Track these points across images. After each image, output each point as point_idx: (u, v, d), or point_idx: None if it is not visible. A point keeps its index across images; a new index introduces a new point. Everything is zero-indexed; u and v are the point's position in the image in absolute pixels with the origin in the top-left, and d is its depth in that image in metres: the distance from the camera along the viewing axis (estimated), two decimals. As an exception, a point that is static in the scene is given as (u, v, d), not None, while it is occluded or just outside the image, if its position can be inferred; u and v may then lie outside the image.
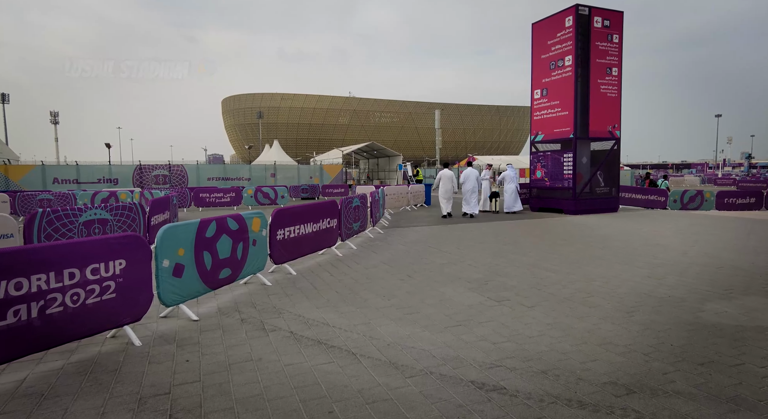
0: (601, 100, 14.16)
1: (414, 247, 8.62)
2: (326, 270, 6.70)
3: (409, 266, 6.87)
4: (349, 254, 7.97)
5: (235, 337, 4.04)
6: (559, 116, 14.36)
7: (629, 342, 3.82)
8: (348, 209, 8.60)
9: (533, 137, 15.49)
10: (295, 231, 6.69)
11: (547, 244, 8.83)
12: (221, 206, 19.14)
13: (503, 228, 11.33)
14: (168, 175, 29.81)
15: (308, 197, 27.22)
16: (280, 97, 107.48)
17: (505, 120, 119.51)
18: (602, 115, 14.20)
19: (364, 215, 9.62)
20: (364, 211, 9.69)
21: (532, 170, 15.57)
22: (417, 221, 13.33)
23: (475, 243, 8.99)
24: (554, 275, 6.23)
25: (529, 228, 11.31)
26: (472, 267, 6.79)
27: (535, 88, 15.28)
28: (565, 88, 14.10)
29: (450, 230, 10.99)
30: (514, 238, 9.65)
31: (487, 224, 12.12)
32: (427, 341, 3.89)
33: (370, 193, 10.38)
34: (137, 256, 3.94)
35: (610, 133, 14.45)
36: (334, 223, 7.86)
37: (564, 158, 14.31)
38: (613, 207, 14.91)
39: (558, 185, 14.61)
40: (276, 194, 19.73)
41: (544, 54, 14.83)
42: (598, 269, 6.58)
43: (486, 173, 16.09)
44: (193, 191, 18.80)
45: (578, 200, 14.12)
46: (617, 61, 14.28)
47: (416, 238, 9.76)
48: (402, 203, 17.11)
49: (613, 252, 7.91)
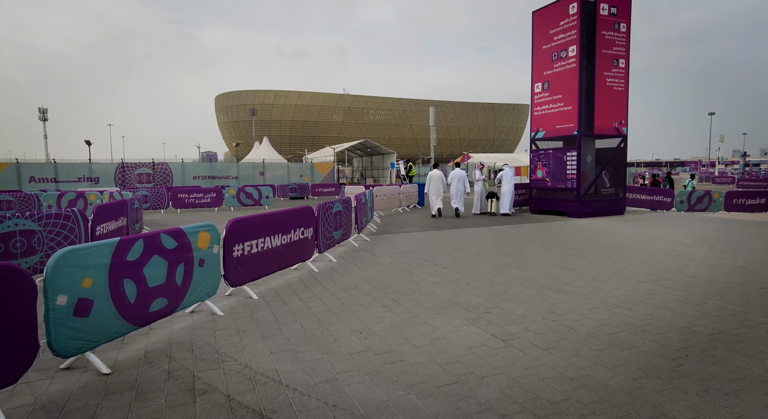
0: (607, 94, 13.09)
1: (402, 259, 7.51)
2: (296, 292, 5.57)
3: (395, 287, 5.76)
4: (326, 269, 6.85)
5: (149, 406, 2.92)
6: (561, 112, 13.29)
7: (693, 414, 2.72)
8: (327, 216, 7.48)
9: (533, 134, 14.41)
10: (258, 245, 5.56)
11: (554, 255, 7.75)
12: (201, 207, 17.94)
13: (503, 235, 10.24)
14: (152, 173, 28.53)
15: (297, 196, 26.05)
16: (273, 95, 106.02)
17: (500, 117, 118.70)
18: (608, 110, 13.14)
19: (347, 221, 8.51)
20: (348, 217, 8.57)
21: (532, 170, 14.50)
22: (408, 225, 12.23)
23: (472, 254, 7.89)
24: (569, 300, 5.14)
25: (532, 234, 10.23)
26: (471, 288, 5.69)
27: (536, 81, 14.19)
28: (568, 81, 13.02)
29: (444, 237, 9.89)
30: (517, 247, 8.56)
31: (485, 230, 11.03)
32: (411, 412, 2.79)
33: (355, 196, 9.25)
34: (10, 291, 2.80)
35: (616, 129, 13.39)
36: (309, 233, 6.74)
37: (567, 157, 13.23)
38: (619, 209, 13.86)
39: (560, 186, 13.54)
40: (260, 195, 18.54)
41: (545, 44, 13.74)
42: (619, 291, 5.50)
43: (478, 173, 15.15)
44: (171, 191, 17.58)
45: (582, 202, 13.06)
46: (624, 52, 13.21)
47: (406, 247, 8.65)
48: (393, 204, 15.99)
49: (632, 266, 6.84)
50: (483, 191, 14.83)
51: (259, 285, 5.78)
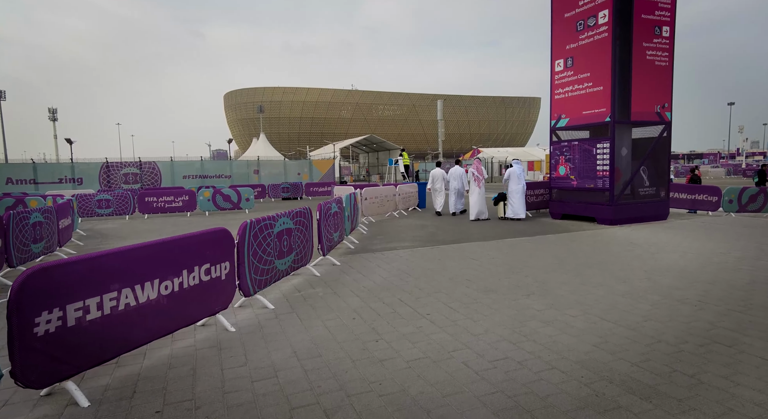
0: (648, 71, 10.39)
1: (373, 303, 5.01)
2: (161, 389, 3.10)
3: (348, 372, 3.27)
4: (248, 326, 4.38)
5: None
6: (590, 93, 10.62)
7: None
8: (265, 240, 5.02)
9: (554, 123, 11.76)
10: (104, 305, 3.13)
11: (597, 291, 5.18)
12: (172, 212, 15.61)
13: (519, 253, 7.69)
14: (138, 173, 26.41)
15: (290, 197, 23.68)
16: (282, 91, 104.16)
17: (510, 111, 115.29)
18: (648, 90, 10.44)
19: (304, 241, 6.06)
20: (306, 235, 6.11)
21: (553, 166, 11.86)
22: (400, 236, 9.72)
23: (477, 291, 5.36)
24: (658, 400, 2.60)
25: (558, 252, 7.65)
26: (472, 375, 3.17)
27: (557, 57, 11.52)
28: (598, 56, 10.35)
29: (441, 258, 7.36)
30: (540, 275, 6.01)
31: (495, 245, 8.49)
32: None
33: (318, 206, 6.76)
34: None
35: (658, 115, 10.68)
36: (223, 270, 4.28)
37: (597, 150, 10.57)
38: (661, 213, 11.16)
39: (589, 186, 10.89)
40: (239, 197, 16.15)
41: (568, 12, 11.05)
42: (751, 392, 2.93)
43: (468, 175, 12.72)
44: (138, 194, 15.28)
45: (617, 206, 10.41)
46: (669, 17, 10.47)
47: (384, 277, 6.16)
48: (387, 208, 13.49)
49: (735, 322, 4.25)
50: (481, 196, 12.28)
51: (104, 373, 3.34)
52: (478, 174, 12.62)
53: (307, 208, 6.20)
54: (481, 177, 12.56)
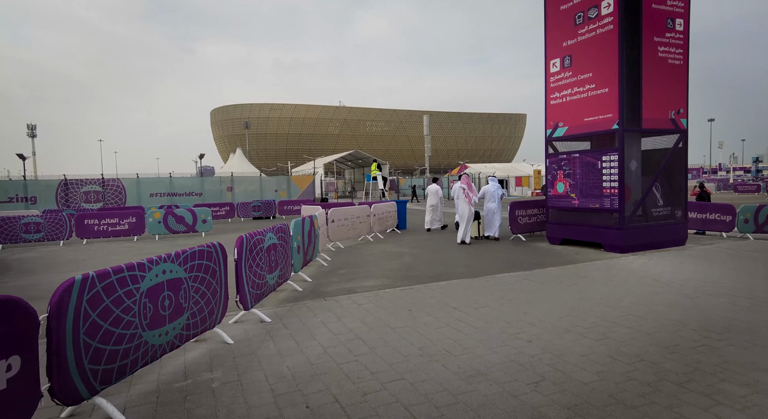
0: (660, 70, 8.73)
1: (291, 411, 3.05)
2: None
3: None
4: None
5: None
6: (593, 97, 8.92)
7: None
8: (110, 304, 3.05)
9: (549, 132, 10.02)
10: None
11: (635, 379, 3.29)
12: (116, 236, 13.49)
13: (516, 299, 5.78)
14: (101, 191, 24.21)
15: (261, 216, 21.62)
16: (269, 108, 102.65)
17: (497, 127, 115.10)
18: (661, 93, 8.77)
19: (218, 292, 4.10)
20: (220, 283, 4.16)
21: (550, 182, 10.08)
22: (366, 269, 7.78)
23: (456, 376, 3.40)
24: None
25: (567, 298, 5.77)
26: None
27: (552, 57, 9.84)
28: (602, 52, 8.68)
29: (413, 307, 5.42)
30: (550, 343, 4.10)
31: (483, 285, 6.59)
32: None
33: (237, 244, 4.80)
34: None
35: (672, 122, 9.00)
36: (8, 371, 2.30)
37: (603, 163, 8.82)
38: (679, 238, 9.37)
39: (593, 205, 9.10)
40: (195, 219, 14.08)
41: (564, 3, 9.41)
42: None
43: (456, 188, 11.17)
44: (75, 216, 13.16)
45: (628, 230, 8.61)
46: (683, 7, 8.87)
47: (324, 350, 4.19)
48: (360, 230, 11.56)
49: None
50: (469, 214, 10.65)
51: None
52: (468, 190, 10.73)
53: (212, 248, 4.25)
54: (472, 194, 10.70)
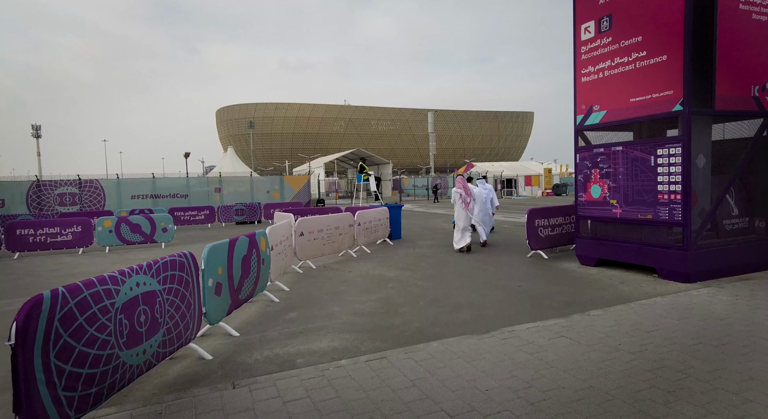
0: (742, 29, 6.25)
1: None
2: None
3: None
4: None
5: None
6: (643, 68, 6.45)
7: None
8: None
9: (581, 119, 7.56)
10: None
11: None
12: (58, 248, 11.25)
13: (551, 400, 3.38)
14: (77, 193, 22.10)
15: (245, 221, 19.33)
16: (274, 107, 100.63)
17: (503, 126, 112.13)
18: (742, 61, 6.29)
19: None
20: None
21: (581, 184, 7.63)
22: (327, 312, 5.38)
23: None
24: None
25: (630, 379, 3.35)
26: None
27: (584, 20, 7.39)
28: (657, 8, 6.22)
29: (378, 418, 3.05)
30: None
31: (498, 348, 4.18)
32: None
33: (23, 309, 2.54)
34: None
35: (756, 100, 6.51)
36: None
37: (659, 158, 6.36)
38: (766, 261, 6.84)
39: (644, 216, 6.63)
40: (153, 227, 11.78)
41: (603, -55, 6.95)
42: None
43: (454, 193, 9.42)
44: (6, 225, 10.95)
45: (696, 251, 6.14)
46: (773, -58, 6.39)
47: None
48: (341, 244, 9.18)
49: None
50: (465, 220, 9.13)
51: None
52: (465, 195, 9.05)
53: None
54: (469, 198, 9.02)
